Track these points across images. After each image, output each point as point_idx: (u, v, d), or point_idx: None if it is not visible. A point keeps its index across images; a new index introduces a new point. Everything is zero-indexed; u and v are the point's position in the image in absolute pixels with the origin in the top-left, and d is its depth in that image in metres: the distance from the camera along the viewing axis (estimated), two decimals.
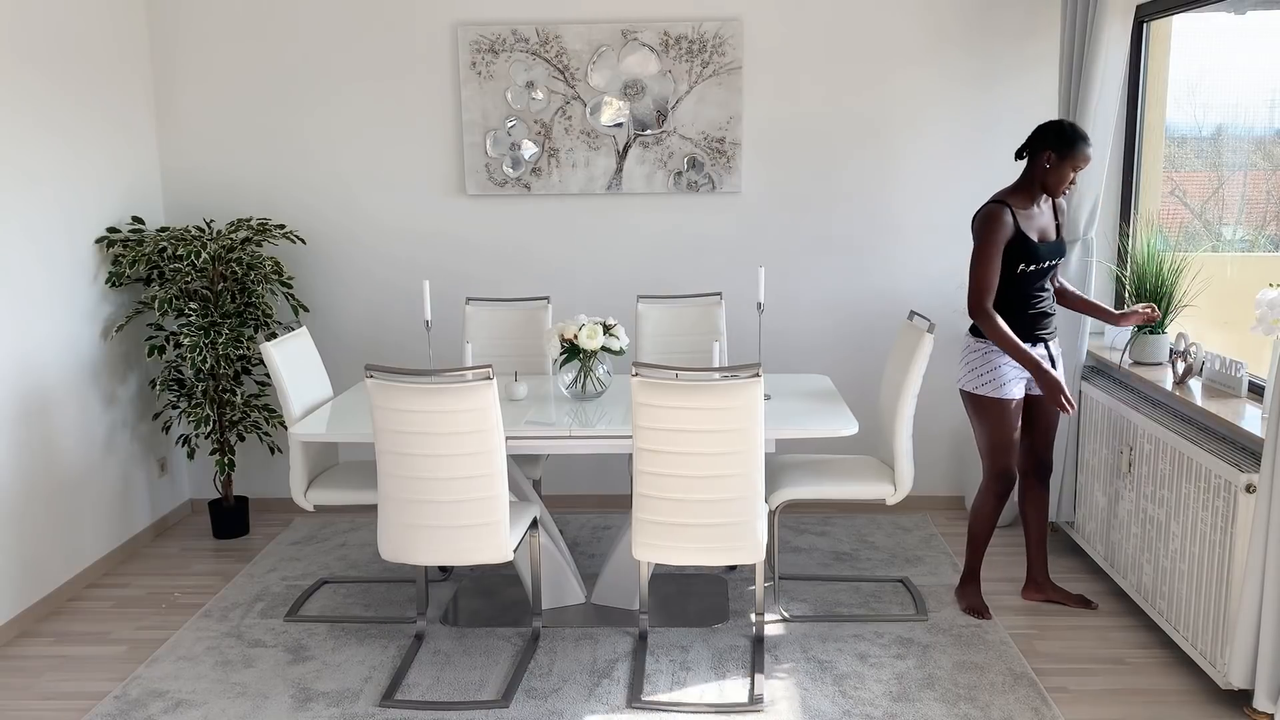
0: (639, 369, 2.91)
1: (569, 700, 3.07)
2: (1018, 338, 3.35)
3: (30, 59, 3.75)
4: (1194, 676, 3.17)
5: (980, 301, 3.31)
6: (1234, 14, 3.92)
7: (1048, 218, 3.42)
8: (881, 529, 4.48)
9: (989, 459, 3.49)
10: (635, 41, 4.39)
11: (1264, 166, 4.05)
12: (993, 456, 3.48)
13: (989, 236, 3.30)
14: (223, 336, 4.20)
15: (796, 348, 4.64)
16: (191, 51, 4.55)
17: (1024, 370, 3.38)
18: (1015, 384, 3.40)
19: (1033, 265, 3.33)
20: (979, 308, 3.31)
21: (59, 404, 3.91)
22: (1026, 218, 3.34)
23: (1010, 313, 3.39)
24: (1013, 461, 3.48)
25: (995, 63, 4.39)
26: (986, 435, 3.46)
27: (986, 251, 3.30)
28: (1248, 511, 2.82)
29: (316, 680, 3.22)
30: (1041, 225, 3.38)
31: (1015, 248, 3.31)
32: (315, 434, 3.33)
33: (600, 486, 4.83)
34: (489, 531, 3.03)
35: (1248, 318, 3.08)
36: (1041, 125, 3.34)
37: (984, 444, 3.49)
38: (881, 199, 4.51)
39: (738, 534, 3.01)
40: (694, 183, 4.49)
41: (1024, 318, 3.39)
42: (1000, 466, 3.48)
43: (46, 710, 3.10)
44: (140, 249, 4.19)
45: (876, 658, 3.30)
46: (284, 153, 4.60)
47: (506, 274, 4.65)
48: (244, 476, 4.85)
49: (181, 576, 4.11)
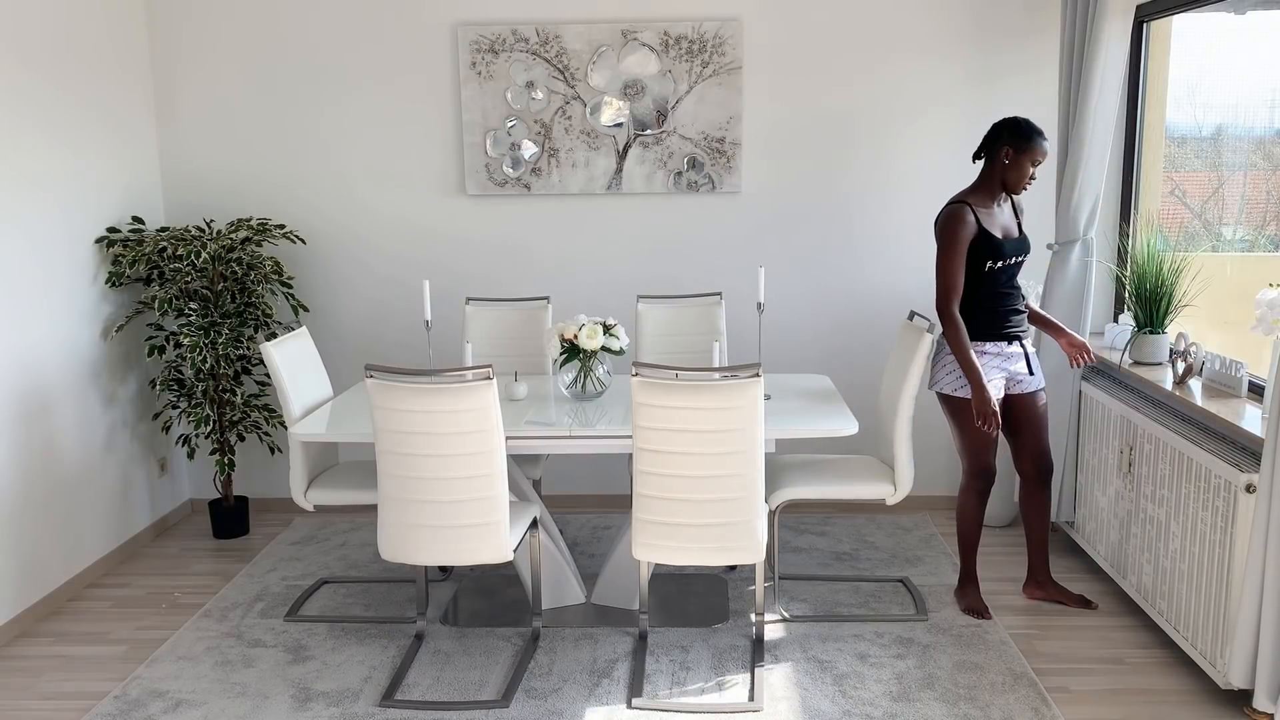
0: (639, 369, 2.91)
1: (569, 700, 3.07)
2: (993, 334, 3.41)
3: (30, 59, 3.75)
4: (1194, 676, 3.17)
5: (946, 303, 3.35)
6: (1234, 14, 3.92)
7: (1008, 215, 3.47)
8: (881, 529, 4.48)
9: (967, 459, 3.52)
10: (635, 41, 4.39)
11: (1264, 166, 4.05)
12: (970, 456, 3.51)
13: (951, 237, 3.33)
14: (223, 336, 4.20)
15: (796, 348, 4.64)
16: (191, 51, 4.55)
17: (1001, 369, 3.43)
18: (994, 384, 3.41)
19: (999, 262, 3.37)
20: (944, 309, 3.36)
21: (59, 404, 3.91)
22: (988, 216, 3.39)
23: (982, 311, 3.41)
24: (991, 460, 3.51)
25: (995, 62, 4.39)
26: (964, 436, 3.48)
27: (950, 252, 3.34)
28: (1248, 511, 2.82)
29: (316, 680, 3.22)
30: (1003, 223, 3.43)
31: (980, 246, 3.35)
32: (315, 434, 3.33)
33: (600, 486, 4.83)
34: (489, 531, 3.03)
35: (1248, 318, 3.08)
36: (996, 123, 3.41)
37: (962, 444, 3.51)
38: (881, 199, 4.51)
39: (738, 534, 3.01)
40: (694, 183, 4.49)
41: (995, 315, 3.42)
42: (979, 466, 3.51)
43: (46, 710, 3.10)
44: (140, 249, 4.19)
45: (876, 658, 3.30)
46: (284, 153, 4.60)
47: (506, 274, 4.65)
48: (244, 476, 4.85)
49: (181, 576, 4.11)
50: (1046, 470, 3.59)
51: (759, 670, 3.21)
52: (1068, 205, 3.97)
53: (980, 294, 3.40)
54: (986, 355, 3.42)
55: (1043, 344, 4.04)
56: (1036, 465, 3.57)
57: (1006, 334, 3.43)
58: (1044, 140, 3.34)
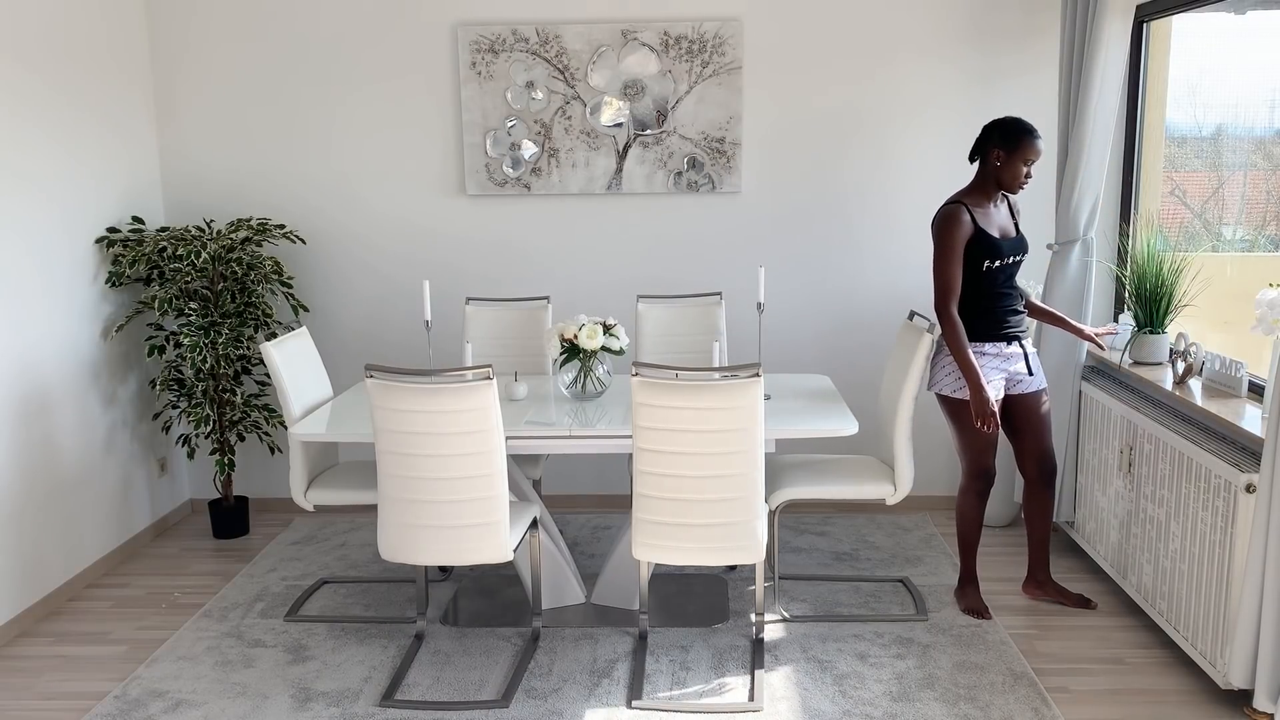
0: (639, 369, 2.91)
1: (569, 700, 3.07)
2: (992, 335, 3.41)
3: (30, 59, 3.75)
4: (1194, 676, 3.17)
5: (944, 303, 3.36)
6: (1234, 14, 3.92)
7: (1005, 215, 3.47)
8: (881, 529, 4.48)
9: (966, 459, 3.52)
10: (635, 41, 4.39)
11: (1264, 166, 4.05)
12: (970, 457, 3.51)
13: (947, 238, 3.34)
14: (223, 336, 4.20)
15: (796, 348, 4.64)
16: (191, 51, 4.55)
17: (1000, 370, 3.43)
18: (993, 385, 3.41)
19: (997, 261, 3.37)
20: (942, 310, 3.36)
21: (59, 404, 3.91)
22: (985, 216, 3.39)
23: (981, 311, 3.41)
24: (990, 461, 3.51)
25: (995, 62, 4.39)
26: (963, 436, 3.49)
27: (946, 253, 3.34)
28: (1248, 511, 2.82)
29: (316, 680, 3.22)
30: (1000, 223, 3.43)
31: (976, 245, 3.35)
32: (315, 434, 3.33)
33: (600, 486, 4.83)
34: (489, 531, 3.03)
35: (1248, 318, 3.08)
36: (987, 124, 3.40)
37: (961, 445, 3.51)
38: (881, 199, 4.51)
39: (738, 534, 3.01)
40: (694, 183, 4.49)
41: (994, 315, 3.42)
42: (979, 467, 3.51)
43: (46, 710, 3.10)
44: (140, 249, 4.19)
45: (876, 658, 3.30)
46: (284, 152, 4.60)
47: (506, 274, 4.65)
48: (244, 476, 4.85)
49: (181, 576, 4.11)
50: (1050, 471, 3.59)
51: (759, 670, 3.21)
52: (1068, 205, 3.97)
53: (978, 294, 3.40)
54: (986, 356, 3.42)
55: (1043, 345, 4.04)
56: (1039, 466, 3.57)
57: (1005, 334, 3.44)
58: (1035, 138, 3.31)
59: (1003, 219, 3.45)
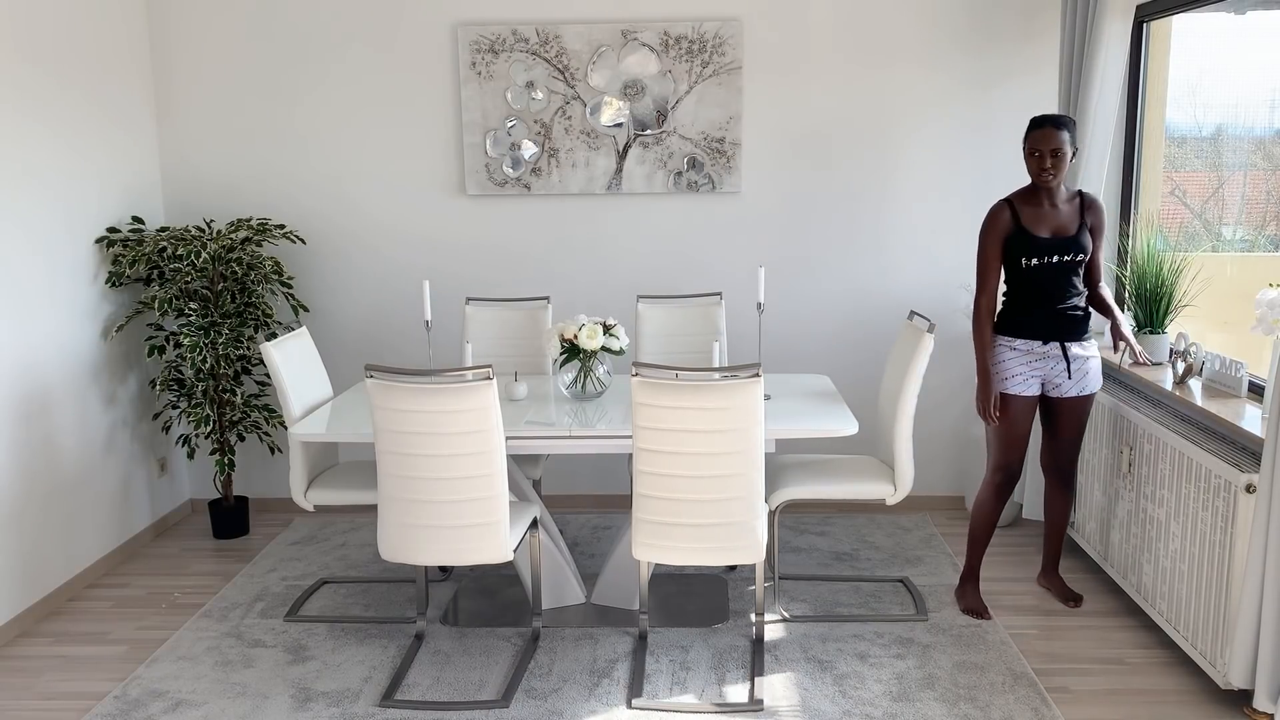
0: (639, 369, 2.91)
1: (569, 700, 3.07)
2: (1024, 332, 3.39)
3: (30, 58, 3.75)
4: (1194, 676, 3.17)
5: (976, 296, 3.44)
6: (1234, 14, 3.92)
7: (1067, 214, 3.37)
8: (881, 529, 4.48)
9: (992, 452, 3.51)
10: (635, 41, 4.39)
11: (1264, 166, 4.05)
12: (996, 450, 3.50)
13: (983, 234, 3.42)
14: (223, 336, 4.20)
15: (796, 348, 4.64)
16: (192, 51, 4.55)
17: (1033, 368, 3.41)
18: (1024, 381, 3.41)
19: (1033, 259, 3.34)
20: (974, 303, 3.45)
21: (59, 404, 3.91)
22: (1033, 213, 3.36)
23: (1017, 307, 3.41)
24: (1015, 459, 3.49)
25: (995, 63, 4.39)
26: (993, 429, 3.48)
27: (981, 249, 3.43)
28: (1248, 511, 2.82)
29: (316, 680, 3.22)
30: (1057, 221, 3.35)
31: (1015, 242, 3.36)
32: (315, 434, 3.33)
33: (600, 486, 4.83)
34: (489, 531, 3.03)
35: (1248, 318, 3.08)
36: None
37: (990, 437, 3.51)
38: (881, 199, 4.51)
39: (738, 534, 3.01)
40: (694, 183, 4.49)
41: (1034, 313, 3.38)
42: (1003, 460, 3.49)
43: (46, 710, 3.10)
44: (140, 249, 4.19)
45: (876, 658, 3.30)
46: (284, 152, 4.60)
47: (506, 274, 4.65)
48: (244, 476, 4.85)
49: (181, 576, 4.11)
50: (1066, 474, 3.59)
51: (759, 671, 3.21)
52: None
53: (1019, 291, 3.41)
54: (1016, 352, 3.41)
55: None
56: (1058, 467, 3.58)
57: (1046, 336, 3.39)
58: (1041, 128, 3.28)
59: (1062, 218, 3.36)
